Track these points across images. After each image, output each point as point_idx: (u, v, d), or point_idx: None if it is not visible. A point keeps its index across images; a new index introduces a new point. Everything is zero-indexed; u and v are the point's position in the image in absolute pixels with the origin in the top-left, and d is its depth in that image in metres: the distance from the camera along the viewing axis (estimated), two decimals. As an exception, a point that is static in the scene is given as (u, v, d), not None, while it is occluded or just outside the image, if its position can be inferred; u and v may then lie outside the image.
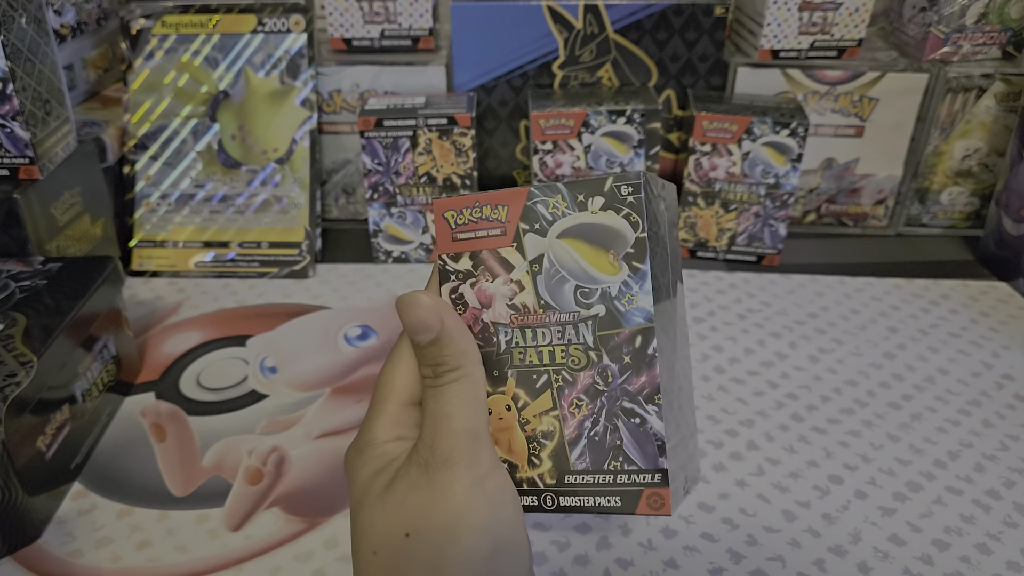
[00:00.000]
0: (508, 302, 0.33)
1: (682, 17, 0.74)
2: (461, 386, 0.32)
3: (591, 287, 0.32)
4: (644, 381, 0.31)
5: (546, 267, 0.33)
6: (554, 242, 0.32)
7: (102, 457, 0.55)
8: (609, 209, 0.32)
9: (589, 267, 0.32)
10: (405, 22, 0.76)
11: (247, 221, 0.76)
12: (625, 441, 0.32)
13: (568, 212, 0.32)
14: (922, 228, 0.83)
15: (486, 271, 0.34)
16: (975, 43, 0.75)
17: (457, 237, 0.34)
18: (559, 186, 0.33)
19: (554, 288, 0.33)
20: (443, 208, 0.34)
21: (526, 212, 0.33)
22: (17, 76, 0.55)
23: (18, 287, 0.54)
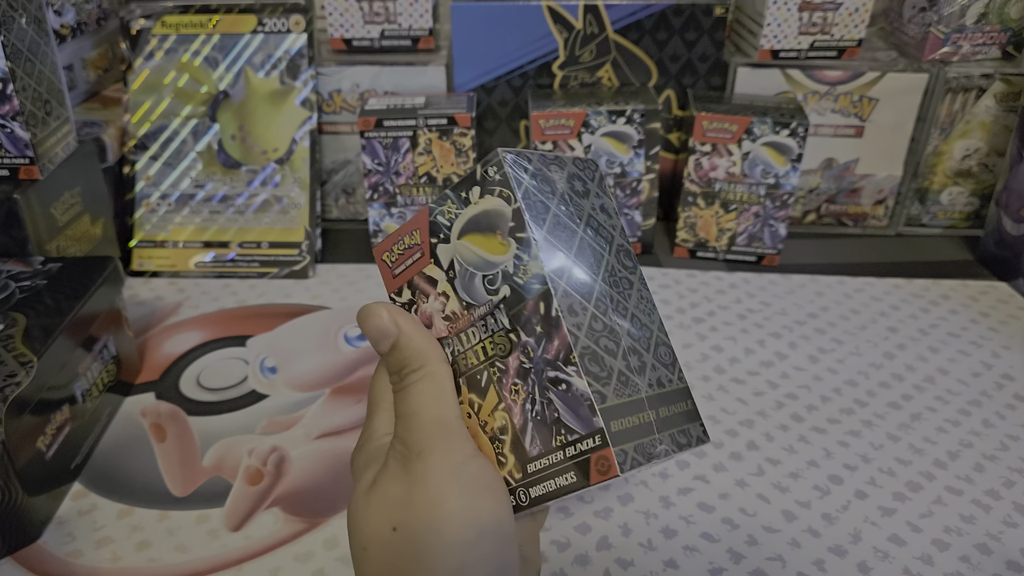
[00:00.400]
0: (442, 315, 0.35)
1: (682, 17, 0.74)
2: (425, 383, 0.33)
3: (492, 272, 0.33)
4: (557, 345, 0.31)
5: (458, 269, 0.34)
6: (456, 244, 0.34)
7: (102, 457, 0.55)
8: (485, 194, 0.33)
9: (485, 254, 0.33)
10: (405, 22, 0.76)
11: (247, 221, 0.76)
12: (561, 411, 0.31)
13: (459, 212, 0.34)
14: (922, 228, 0.83)
15: (421, 294, 0.35)
16: (975, 43, 0.75)
17: (395, 273, 0.36)
18: (447, 192, 0.34)
19: (468, 286, 0.34)
20: (380, 253, 0.37)
21: (432, 227, 0.35)
22: (17, 76, 0.55)
23: (18, 287, 0.54)
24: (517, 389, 0.33)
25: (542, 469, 0.32)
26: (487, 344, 0.33)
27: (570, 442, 0.31)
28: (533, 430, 0.32)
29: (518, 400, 0.33)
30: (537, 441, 0.32)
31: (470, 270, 0.34)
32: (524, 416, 0.33)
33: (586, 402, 0.31)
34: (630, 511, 0.50)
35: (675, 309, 0.70)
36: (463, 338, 0.34)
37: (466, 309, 0.34)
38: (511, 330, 0.32)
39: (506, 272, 0.32)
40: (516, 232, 0.32)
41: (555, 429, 0.32)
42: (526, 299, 0.32)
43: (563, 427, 0.31)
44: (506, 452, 0.33)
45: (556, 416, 0.32)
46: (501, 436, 0.33)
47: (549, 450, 0.32)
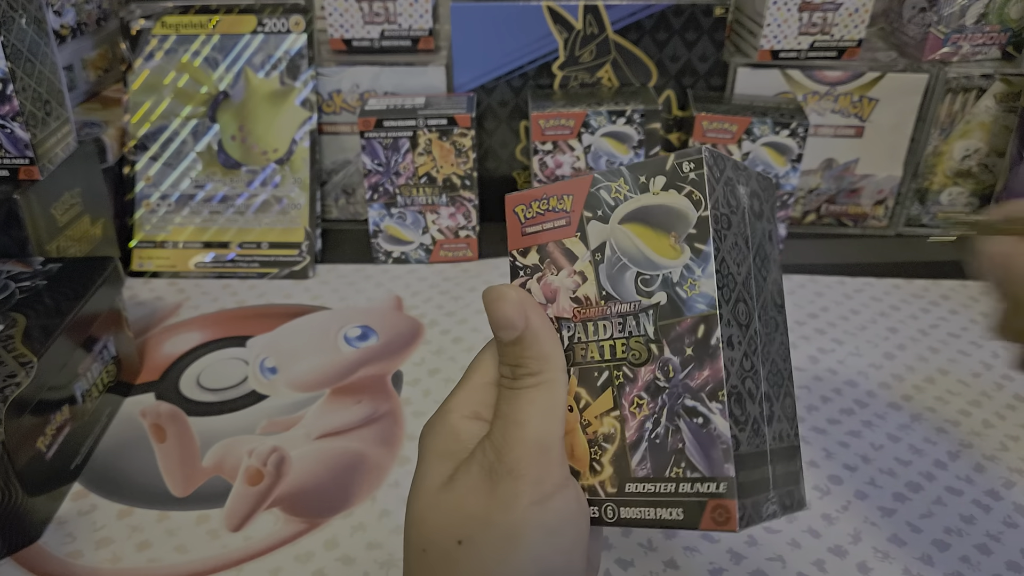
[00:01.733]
0: (571, 295, 0.32)
1: (682, 17, 0.74)
2: (539, 392, 0.30)
3: (652, 274, 0.30)
4: (707, 375, 0.28)
5: (608, 255, 0.31)
6: (616, 228, 0.30)
7: (102, 458, 0.55)
8: (671, 188, 0.29)
9: (650, 252, 0.30)
10: (405, 23, 0.76)
11: (247, 222, 0.76)
12: (688, 444, 0.29)
13: (630, 195, 0.30)
14: (922, 228, 0.83)
15: (552, 264, 0.32)
16: (975, 43, 0.75)
17: (526, 231, 0.33)
18: (622, 169, 0.31)
19: (615, 277, 0.31)
20: (513, 203, 0.33)
21: (590, 199, 0.31)
22: (17, 77, 0.55)
23: (18, 288, 0.54)
24: (641, 404, 0.30)
25: (644, 494, 0.30)
26: (619, 344, 0.30)
27: (689, 479, 0.29)
28: (646, 451, 0.30)
29: (638, 415, 0.30)
30: (648, 464, 0.30)
31: (624, 261, 0.30)
32: (640, 433, 0.30)
33: (722, 445, 0.28)
34: (630, 511, 0.50)
35: (675, 309, 0.70)
36: (589, 328, 0.31)
37: (603, 299, 0.31)
38: (654, 340, 0.30)
39: (668, 278, 0.29)
40: (695, 241, 0.29)
41: (675, 459, 0.29)
42: (685, 316, 0.29)
43: (685, 461, 0.29)
44: (604, 461, 0.31)
45: (680, 447, 0.29)
46: (604, 444, 0.31)
47: (660, 478, 0.29)
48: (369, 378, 0.61)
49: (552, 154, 0.73)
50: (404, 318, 0.68)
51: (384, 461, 0.54)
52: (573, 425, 0.31)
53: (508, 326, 0.30)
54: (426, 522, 0.30)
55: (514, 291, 0.31)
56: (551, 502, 0.29)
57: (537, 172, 0.74)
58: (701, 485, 0.28)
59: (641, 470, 0.30)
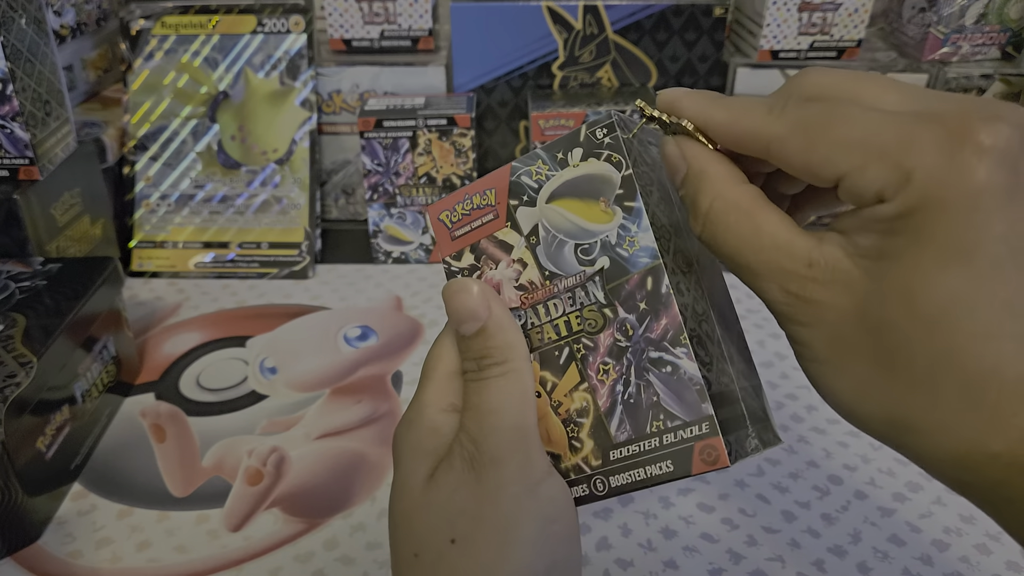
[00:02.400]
0: (515, 284, 0.32)
1: (681, 18, 0.74)
2: (507, 380, 0.30)
3: (590, 242, 0.30)
4: (665, 324, 0.29)
5: (543, 236, 0.31)
6: (545, 208, 0.31)
7: (102, 458, 0.55)
8: (589, 157, 0.30)
9: (583, 222, 0.30)
10: (405, 23, 0.76)
11: (247, 222, 0.76)
12: (662, 395, 0.29)
13: (551, 174, 0.31)
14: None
15: (488, 260, 0.32)
16: (974, 43, 0.75)
17: (455, 235, 0.33)
18: (538, 152, 0.31)
19: (555, 255, 0.31)
20: (436, 212, 0.33)
21: (513, 188, 0.32)
22: (17, 77, 0.55)
23: (18, 288, 0.54)
24: (607, 369, 0.30)
25: (629, 456, 0.30)
26: (573, 318, 0.31)
27: (671, 428, 0.29)
28: (623, 414, 0.30)
29: (607, 381, 0.30)
30: (627, 426, 0.30)
31: (560, 237, 0.31)
32: (612, 398, 0.30)
33: (695, 387, 0.28)
34: (630, 511, 0.50)
35: (675, 309, 0.69)
36: (540, 310, 0.31)
37: (548, 279, 0.31)
38: (606, 304, 0.30)
39: (607, 242, 0.30)
40: (624, 200, 0.29)
41: (652, 414, 0.29)
42: (631, 272, 0.29)
43: (663, 412, 0.29)
44: (583, 436, 0.31)
45: (655, 400, 0.29)
46: (579, 419, 0.31)
47: (641, 436, 0.29)
48: (369, 378, 0.61)
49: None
50: (404, 318, 0.68)
51: (384, 461, 0.54)
52: (544, 410, 0.31)
53: (471, 318, 0.30)
54: (414, 524, 0.29)
55: (475, 283, 0.31)
56: (541, 488, 0.29)
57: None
58: (684, 431, 0.28)
59: (622, 434, 0.30)
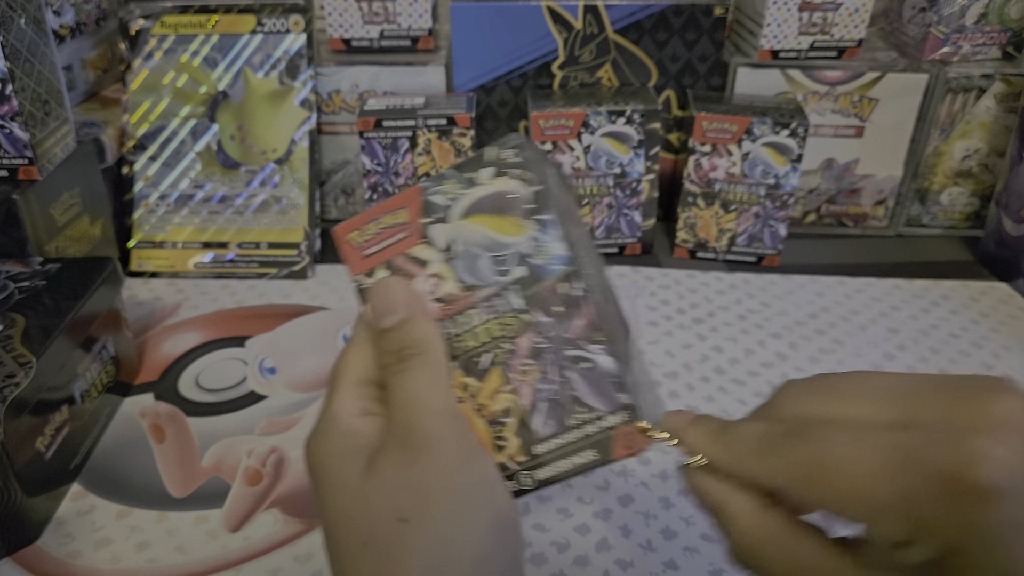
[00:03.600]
0: (433, 297, 0.33)
1: (682, 17, 0.74)
2: (429, 369, 0.31)
3: (505, 254, 0.32)
4: (582, 324, 0.31)
5: (459, 251, 0.33)
6: (458, 224, 0.33)
7: (101, 458, 0.54)
8: (500, 176, 0.32)
9: (497, 235, 0.32)
10: (404, 22, 0.76)
11: (246, 222, 0.75)
12: (580, 389, 0.31)
13: (462, 192, 0.33)
14: (922, 228, 0.83)
15: (403, 273, 0.34)
16: (975, 43, 0.75)
17: (366, 254, 0.34)
18: (447, 172, 0.33)
19: (472, 267, 0.33)
20: (344, 232, 0.34)
21: (425, 207, 0.33)
22: (16, 77, 0.55)
23: (17, 288, 0.54)
24: (529, 370, 0.32)
25: (554, 450, 0.32)
26: (493, 325, 0.33)
27: (591, 419, 0.31)
28: (546, 409, 0.32)
29: (529, 381, 0.32)
30: (550, 422, 0.32)
31: (475, 251, 0.33)
32: (535, 397, 0.32)
33: (612, 379, 0.31)
34: (630, 512, 0.50)
35: (675, 310, 0.69)
36: (460, 320, 0.33)
37: (467, 291, 0.33)
38: (525, 311, 0.32)
39: (523, 256, 0.32)
40: (535, 214, 0.32)
41: (571, 409, 0.31)
42: (544, 280, 0.32)
43: (582, 405, 0.31)
44: (508, 435, 0.32)
45: (572, 395, 0.31)
46: (503, 419, 0.33)
47: (564, 429, 0.31)
48: (368, 378, 0.61)
49: (552, 154, 0.73)
50: (404, 318, 0.68)
51: (383, 461, 0.54)
52: (468, 414, 0.33)
53: (393, 311, 0.32)
54: (358, 515, 0.29)
55: (396, 280, 0.33)
56: (481, 459, 0.30)
57: (537, 172, 0.74)
58: (604, 420, 0.31)
59: (546, 429, 0.32)
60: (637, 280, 0.73)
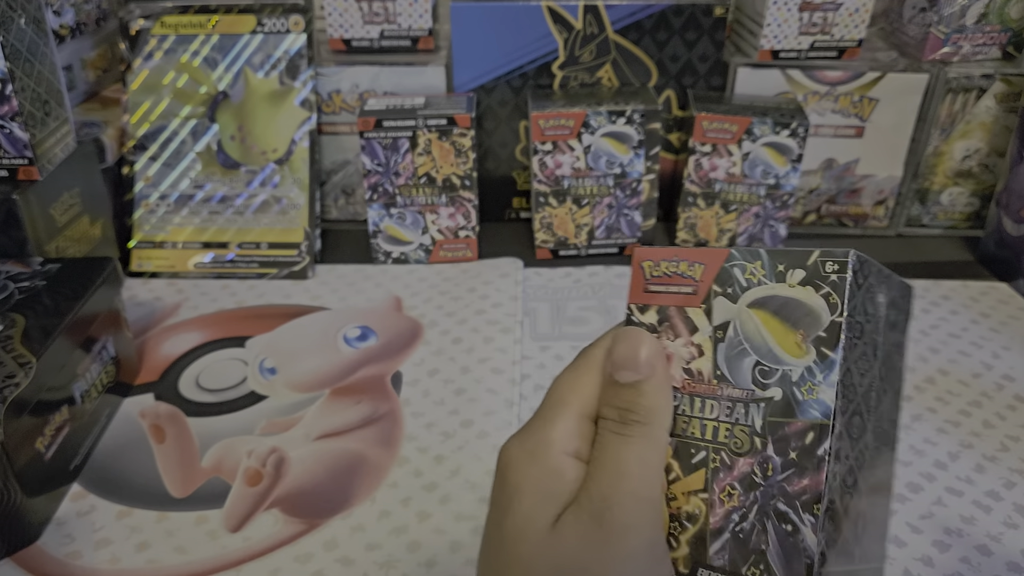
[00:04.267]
0: (684, 365, 0.31)
1: (682, 17, 0.74)
2: (647, 445, 0.29)
3: (772, 366, 0.29)
4: (806, 484, 0.28)
5: (730, 336, 0.30)
6: (743, 310, 0.30)
7: (101, 458, 0.54)
8: (808, 285, 0.28)
9: (775, 344, 0.29)
10: (404, 22, 0.76)
11: (246, 222, 0.75)
12: (771, 548, 0.28)
13: (764, 281, 0.29)
14: (922, 229, 0.83)
15: (670, 328, 0.31)
16: (975, 43, 0.75)
17: (649, 289, 0.32)
18: (761, 252, 0.30)
19: (733, 360, 0.30)
20: (642, 257, 0.32)
21: (722, 274, 0.30)
22: (16, 77, 0.55)
23: (17, 288, 0.54)
24: (732, 494, 0.29)
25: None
26: (723, 428, 0.30)
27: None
28: (728, 542, 0.29)
29: (727, 504, 0.29)
30: (725, 555, 0.29)
31: (746, 347, 0.30)
32: (725, 523, 0.29)
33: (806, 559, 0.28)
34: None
35: (675, 310, 0.69)
36: (696, 403, 0.30)
37: (717, 379, 0.30)
38: (760, 435, 0.29)
39: (787, 376, 0.29)
40: (823, 345, 0.28)
41: (754, 559, 0.29)
42: (797, 418, 0.28)
43: (764, 563, 0.28)
44: (682, 540, 0.30)
45: (763, 548, 0.28)
46: (686, 522, 0.30)
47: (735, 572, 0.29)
48: (368, 379, 0.61)
49: (552, 154, 0.73)
50: (404, 318, 0.68)
51: (383, 462, 0.54)
52: None
53: (632, 370, 0.30)
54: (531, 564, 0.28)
55: (652, 339, 0.30)
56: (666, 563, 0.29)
57: (537, 172, 0.74)
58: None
59: (718, 559, 0.29)
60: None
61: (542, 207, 0.75)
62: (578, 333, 0.66)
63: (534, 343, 0.65)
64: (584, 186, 0.74)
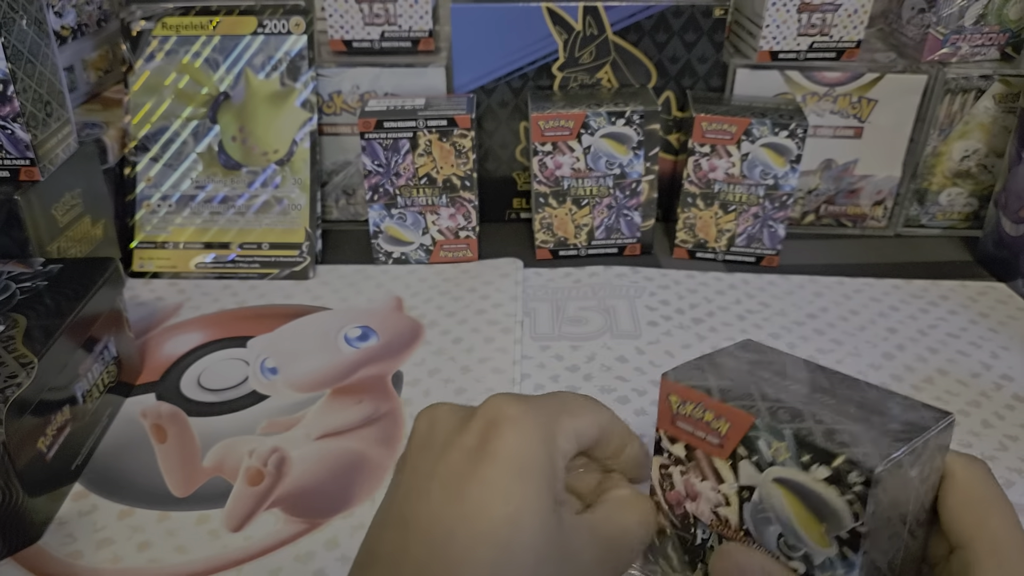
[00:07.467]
0: (712, 508, 0.31)
1: (681, 19, 0.74)
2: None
3: (796, 543, 0.29)
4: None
5: (755, 500, 0.30)
6: (768, 484, 0.29)
7: (103, 458, 0.55)
8: (833, 485, 0.28)
9: (798, 527, 0.29)
10: (405, 24, 0.76)
11: (248, 222, 0.76)
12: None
13: (789, 464, 0.29)
14: (921, 229, 0.83)
15: (697, 468, 0.31)
16: (974, 44, 0.75)
17: (677, 423, 0.32)
18: (786, 433, 0.29)
19: (759, 523, 0.30)
20: (670, 390, 0.32)
21: (747, 440, 0.30)
22: (18, 78, 0.56)
23: (19, 288, 0.54)
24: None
25: None
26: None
27: None
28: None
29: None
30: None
31: (770, 515, 0.29)
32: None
33: None
34: (630, 511, 0.50)
35: (674, 310, 0.70)
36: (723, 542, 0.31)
37: (744, 533, 0.30)
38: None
39: (810, 557, 0.28)
40: (845, 546, 0.28)
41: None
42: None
43: None
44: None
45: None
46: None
47: None
48: (369, 378, 0.61)
49: (552, 155, 0.73)
50: (404, 318, 0.68)
51: (384, 461, 0.54)
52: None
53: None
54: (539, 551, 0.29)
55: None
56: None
57: (537, 173, 0.74)
58: None
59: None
60: (637, 280, 0.74)
61: (542, 207, 0.76)
62: (578, 333, 0.66)
63: (534, 343, 0.65)
64: (584, 187, 0.74)
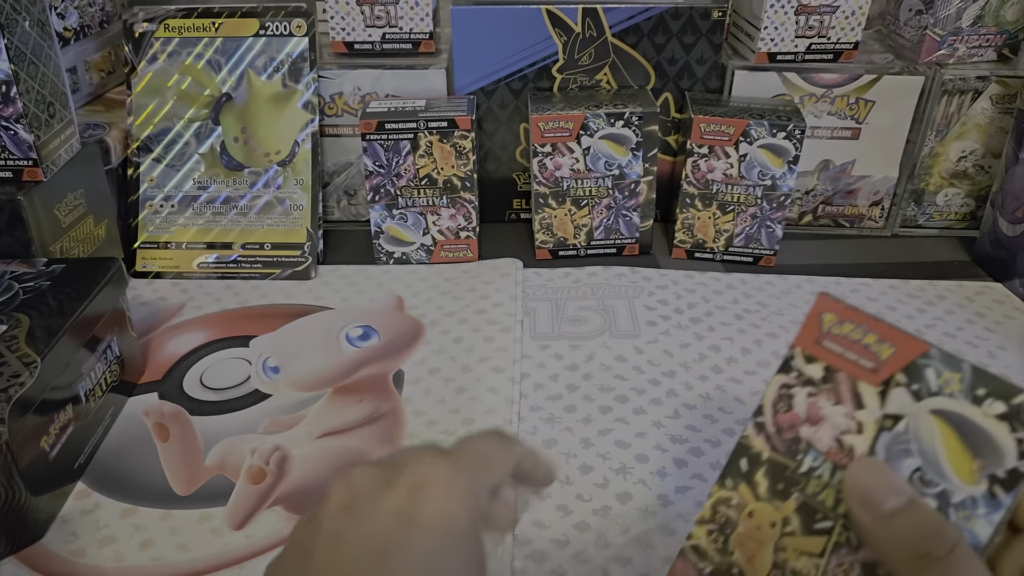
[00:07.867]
0: (836, 433, 0.29)
1: (680, 20, 0.75)
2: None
3: (934, 479, 0.27)
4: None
5: (898, 430, 0.28)
6: (924, 415, 0.28)
7: (105, 457, 0.55)
8: (1005, 422, 0.27)
9: (945, 461, 0.27)
10: (406, 26, 0.77)
11: (250, 223, 0.76)
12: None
13: (957, 396, 0.28)
14: (918, 229, 0.83)
15: (832, 392, 0.30)
16: (971, 45, 0.76)
17: (823, 343, 0.30)
18: (964, 366, 0.28)
19: (894, 454, 0.28)
20: (825, 307, 0.30)
21: (912, 368, 0.28)
22: (21, 79, 0.56)
23: (22, 288, 0.54)
24: (847, 571, 0.28)
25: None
26: None
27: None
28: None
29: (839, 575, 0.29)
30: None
31: (910, 448, 0.28)
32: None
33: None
34: (628, 509, 0.50)
35: (673, 309, 0.70)
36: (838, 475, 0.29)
37: None
38: None
39: (947, 494, 0.27)
40: (996, 484, 0.27)
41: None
42: None
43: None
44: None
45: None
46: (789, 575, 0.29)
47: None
48: (370, 378, 0.62)
49: (551, 156, 0.73)
50: (405, 318, 0.69)
51: (385, 460, 0.54)
52: (766, 538, 0.30)
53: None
54: None
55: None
56: None
57: (536, 174, 0.74)
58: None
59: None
60: (636, 280, 0.74)
61: (542, 208, 0.76)
62: (577, 332, 0.66)
63: (534, 342, 0.65)
64: (583, 187, 0.75)
